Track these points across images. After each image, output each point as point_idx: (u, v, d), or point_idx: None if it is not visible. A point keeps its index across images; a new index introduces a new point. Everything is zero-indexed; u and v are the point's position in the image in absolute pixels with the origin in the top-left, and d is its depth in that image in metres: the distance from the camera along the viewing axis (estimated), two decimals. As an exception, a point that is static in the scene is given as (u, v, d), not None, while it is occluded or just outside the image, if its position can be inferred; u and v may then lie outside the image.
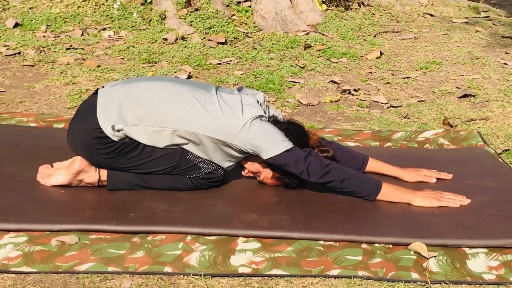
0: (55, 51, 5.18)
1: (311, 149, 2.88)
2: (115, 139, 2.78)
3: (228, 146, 2.82)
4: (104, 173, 2.89)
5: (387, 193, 2.87)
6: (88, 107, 2.87)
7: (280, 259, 2.42)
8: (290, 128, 2.95)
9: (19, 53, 5.10)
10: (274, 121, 2.95)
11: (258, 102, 2.93)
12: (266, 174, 2.95)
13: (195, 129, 2.78)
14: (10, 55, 5.03)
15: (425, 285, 2.33)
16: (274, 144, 2.79)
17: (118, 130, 2.75)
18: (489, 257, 2.49)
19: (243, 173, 3.01)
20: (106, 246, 2.46)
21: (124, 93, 2.84)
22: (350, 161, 3.06)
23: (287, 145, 2.79)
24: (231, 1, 6.39)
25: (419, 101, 4.42)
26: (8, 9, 6.18)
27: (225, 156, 2.88)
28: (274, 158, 2.77)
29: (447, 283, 2.33)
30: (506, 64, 5.36)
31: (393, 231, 2.65)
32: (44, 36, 5.53)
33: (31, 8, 6.16)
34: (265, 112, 2.93)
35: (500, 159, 3.42)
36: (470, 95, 4.53)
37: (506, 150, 3.59)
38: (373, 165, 3.13)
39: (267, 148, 2.78)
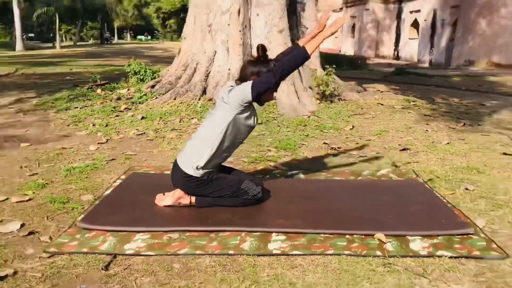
0: (164, 131, 5.27)
1: (260, 71, 2.76)
2: (198, 175, 2.80)
3: (238, 114, 2.75)
4: (193, 198, 2.91)
5: (311, 44, 2.71)
6: (176, 163, 2.92)
7: (298, 245, 2.43)
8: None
9: (144, 133, 5.21)
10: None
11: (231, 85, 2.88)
12: (269, 95, 2.83)
13: (219, 131, 2.76)
14: (139, 134, 5.14)
15: (384, 258, 2.29)
16: (245, 88, 2.70)
17: (197, 167, 2.78)
18: (423, 241, 2.46)
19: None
20: (195, 239, 2.49)
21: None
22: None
23: (249, 83, 2.71)
24: (264, 100, 6.48)
25: (377, 153, 4.39)
26: (138, 109, 6.38)
27: (244, 120, 2.81)
28: (253, 94, 2.68)
29: (398, 257, 2.30)
30: (427, 131, 5.32)
31: (365, 227, 2.63)
32: (158, 123, 5.65)
33: (151, 108, 6.34)
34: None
35: (426, 185, 3.38)
36: (407, 149, 4.50)
37: (430, 179, 3.54)
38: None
39: (246, 94, 2.69)
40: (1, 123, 5.79)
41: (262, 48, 2.83)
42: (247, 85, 2.71)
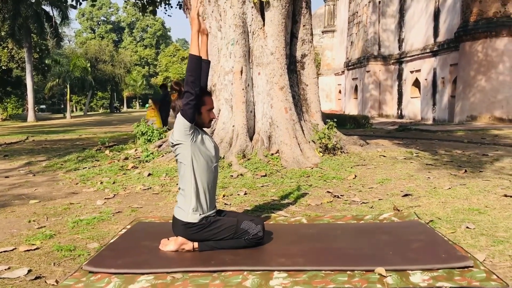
0: (170, 186, 5.37)
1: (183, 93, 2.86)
2: (196, 220, 2.90)
3: (193, 143, 2.88)
4: (196, 244, 2.97)
5: (192, 46, 2.87)
6: (174, 217, 3.03)
7: (299, 281, 2.46)
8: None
9: (150, 188, 5.32)
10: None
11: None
12: (205, 113, 2.99)
13: (189, 168, 2.90)
14: (145, 189, 5.25)
15: None
16: (179, 119, 2.86)
17: (193, 210, 2.87)
18: (423, 274, 2.49)
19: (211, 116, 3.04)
20: (198, 279, 2.53)
21: None
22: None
23: (179, 113, 2.86)
24: (268, 154, 6.62)
25: (379, 199, 4.44)
26: (145, 167, 6.52)
27: (201, 145, 2.92)
28: (186, 117, 2.82)
29: None
30: (429, 178, 5.38)
31: (366, 263, 2.67)
32: (164, 179, 5.75)
33: (157, 165, 6.48)
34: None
35: (427, 225, 3.42)
36: (409, 195, 4.55)
37: (431, 221, 3.58)
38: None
39: (183, 121, 2.84)
40: (11, 184, 5.94)
41: (175, 84, 3.02)
42: (179, 116, 2.87)
